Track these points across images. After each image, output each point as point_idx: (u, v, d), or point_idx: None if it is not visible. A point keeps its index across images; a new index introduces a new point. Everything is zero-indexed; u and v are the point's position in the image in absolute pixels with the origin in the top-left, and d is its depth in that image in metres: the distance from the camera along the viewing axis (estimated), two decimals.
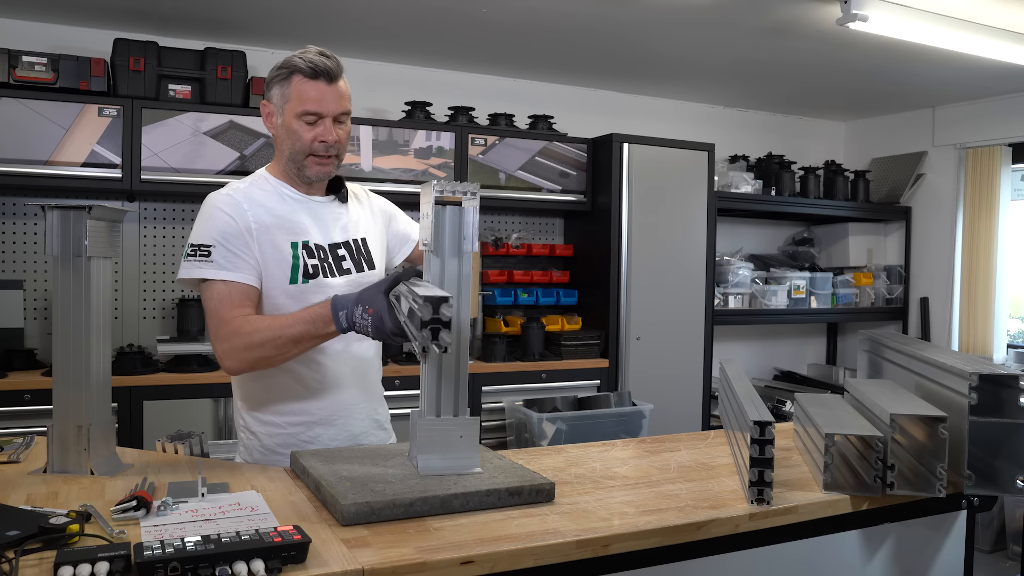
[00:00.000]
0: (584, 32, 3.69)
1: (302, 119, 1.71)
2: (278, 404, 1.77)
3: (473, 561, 1.15)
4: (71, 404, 1.52)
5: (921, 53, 3.78)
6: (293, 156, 1.74)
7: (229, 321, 1.62)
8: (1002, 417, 1.50)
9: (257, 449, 1.78)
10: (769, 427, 1.39)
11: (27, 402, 3.09)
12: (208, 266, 1.65)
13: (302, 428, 1.77)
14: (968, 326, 4.87)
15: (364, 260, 1.85)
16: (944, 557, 1.64)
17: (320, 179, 1.79)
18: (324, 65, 1.70)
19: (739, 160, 5.08)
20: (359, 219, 1.88)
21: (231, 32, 3.75)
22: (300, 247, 1.73)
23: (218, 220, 1.68)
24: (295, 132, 1.72)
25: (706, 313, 4.37)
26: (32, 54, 3.28)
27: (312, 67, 1.69)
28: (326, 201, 1.83)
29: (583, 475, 1.60)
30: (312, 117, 1.71)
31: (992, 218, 4.79)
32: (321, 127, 1.71)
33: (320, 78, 1.70)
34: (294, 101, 1.72)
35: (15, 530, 1.12)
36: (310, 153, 1.73)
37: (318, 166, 1.75)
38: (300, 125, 1.71)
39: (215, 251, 1.65)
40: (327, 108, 1.71)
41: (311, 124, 1.71)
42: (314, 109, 1.70)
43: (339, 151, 1.76)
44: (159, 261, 3.80)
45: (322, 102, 1.70)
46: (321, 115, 1.71)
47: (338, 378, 1.80)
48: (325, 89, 1.70)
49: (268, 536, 1.08)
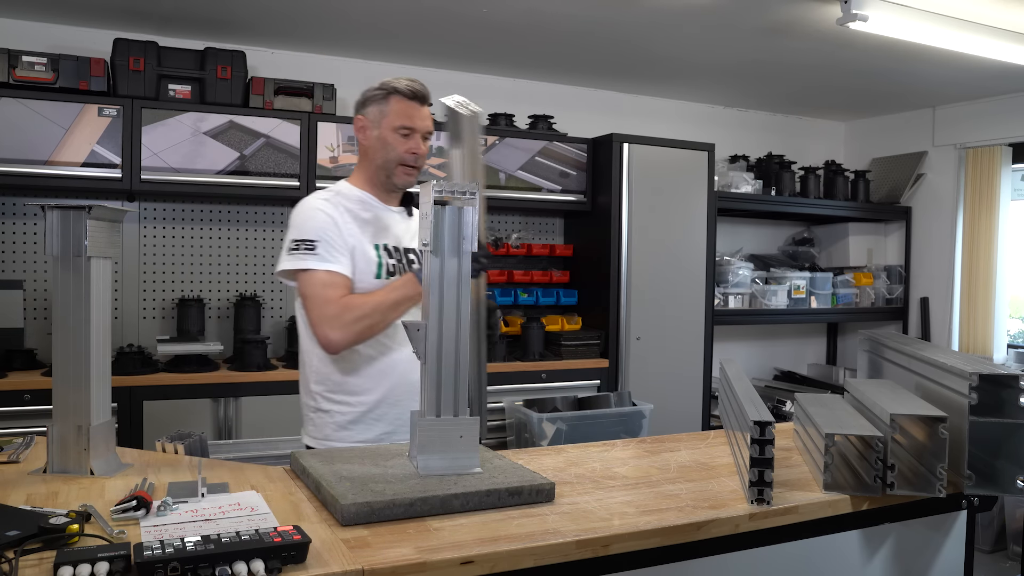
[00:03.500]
0: (584, 32, 3.69)
1: (398, 132, 1.95)
2: (351, 385, 1.95)
3: (473, 561, 1.15)
4: (71, 404, 1.52)
5: (921, 53, 3.77)
6: (385, 165, 1.98)
7: (336, 300, 1.84)
8: (1002, 417, 1.50)
9: (329, 426, 1.95)
10: (769, 427, 1.39)
11: (27, 402, 3.09)
12: (313, 258, 1.87)
13: (371, 407, 1.94)
14: (968, 326, 4.87)
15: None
16: (944, 557, 1.64)
17: (405, 187, 2.02)
18: (420, 90, 1.97)
19: (739, 160, 5.08)
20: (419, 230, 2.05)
21: (231, 32, 3.75)
22: (382, 248, 1.97)
23: (320, 219, 1.91)
24: (390, 144, 1.96)
25: (706, 313, 4.37)
26: (32, 54, 3.28)
27: (411, 90, 1.96)
28: (398, 211, 2.06)
29: (583, 475, 1.60)
30: (407, 131, 1.95)
31: (992, 218, 4.78)
32: (413, 141, 1.97)
33: (415, 99, 1.97)
34: (392, 116, 1.95)
35: (15, 530, 1.12)
36: (401, 163, 1.97)
37: (405, 175, 1.99)
38: (396, 138, 1.95)
39: (319, 246, 1.88)
40: (419, 125, 1.97)
41: (405, 137, 1.96)
42: (410, 124, 1.95)
43: (421, 164, 2.01)
44: (159, 261, 3.80)
45: (416, 119, 1.96)
46: (414, 130, 1.96)
47: (404, 363, 1.94)
48: (418, 109, 1.97)
49: (268, 536, 1.08)
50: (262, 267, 4.00)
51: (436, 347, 1.48)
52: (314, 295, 1.86)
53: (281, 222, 4.03)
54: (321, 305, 1.85)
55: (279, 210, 4.03)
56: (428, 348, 1.48)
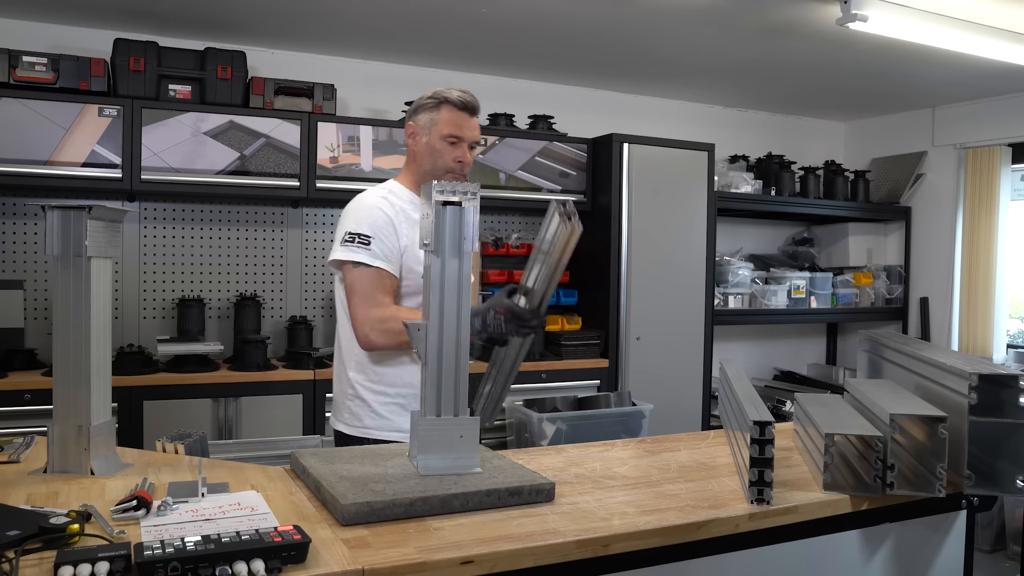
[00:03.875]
0: (584, 32, 3.69)
1: (446, 140, 2.01)
2: (390, 376, 2.01)
3: (473, 561, 1.15)
4: (71, 404, 1.52)
5: (921, 53, 3.78)
6: (433, 171, 2.02)
7: (382, 304, 1.90)
8: (1002, 417, 1.50)
9: (367, 415, 2.01)
10: (769, 427, 1.39)
11: (27, 402, 3.09)
12: (366, 253, 1.92)
13: (409, 400, 1.99)
14: (968, 326, 4.87)
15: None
16: (944, 557, 1.64)
17: None
18: (470, 101, 2.03)
19: (739, 160, 5.08)
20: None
21: (231, 32, 3.75)
22: None
23: (377, 217, 1.97)
24: (438, 151, 2.02)
25: (706, 313, 4.37)
26: (32, 54, 3.28)
27: (461, 101, 2.02)
28: None
29: (583, 475, 1.60)
30: (455, 139, 2.02)
31: (992, 218, 4.78)
32: (460, 150, 2.02)
33: (465, 110, 2.03)
34: (442, 125, 2.02)
35: (15, 530, 1.12)
36: (448, 170, 2.02)
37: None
38: (444, 146, 2.02)
39: (374, 243, 1.93)
40: (467, 134, 2.03)
41: (452, 145, 2.02)
42: (458, 133, 2.01)
43: (467, 173, 2.07)
44: (159, 261, 3.80)
45: (465, 129, 2.02)
46: (462, 139, 2.02)
47: None
48: (467, 119, 2.03)
49: (268, 536, 1.08)
50: (262, 267, 4.00)
51: (436, 347, 1.48)
52: (363, 292, 1.92)
53: (281, 222, 4.04)
54: (369, 306, 1.90)
55: (279, 210, 4.03)
56: (428, 348, 1.48)
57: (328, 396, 3.55)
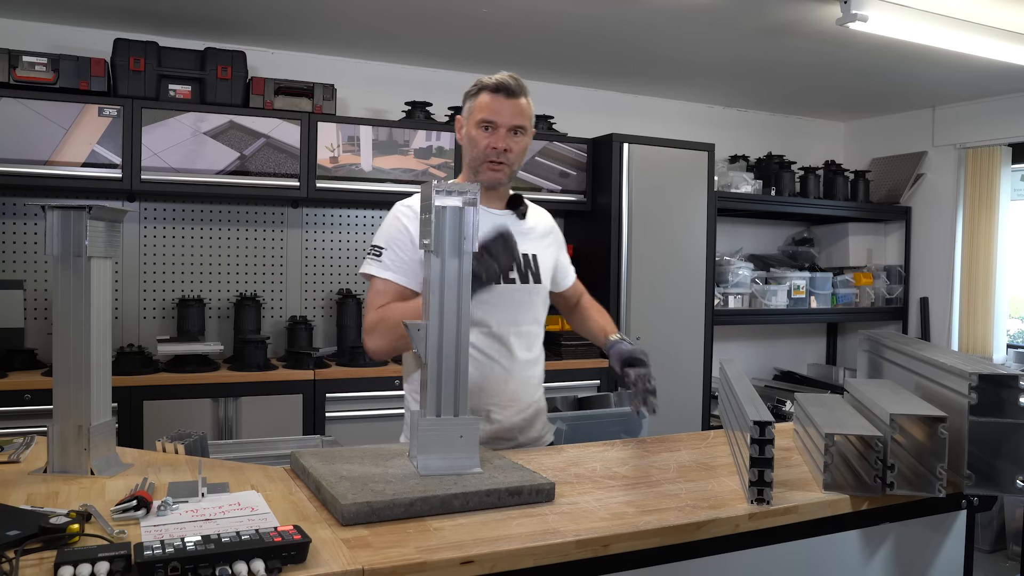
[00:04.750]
0: (584, 32, 3.69)
1: (480, 127, 1.89)
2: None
3: (473, 561, 1.15)
4: (71, 404, 1.52)
5: (921, 53, 3.78)
6: (471, 162, 1.93)
7: (376, 309, 1.84)
8: (1002, 417, 1.50)
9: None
10: (769, 427, 1.39)
11: (27, 402, 3.09)
12: (376, 265, 1.88)
13: None
14: (968, 326, 4.87)
15: (531, 273, 2.00)
16: (944, 557, 1.64)
17: (491, 184, 1.93)
18: (505, 82, 1.89)
19: (739, 160, 5.08)
20: (534, 237, 2.04)
21: (231, 32, 3.75)
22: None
23: (392, 227, 1.91)
24: (473, 139, 1.91)
25: (706, 313, 4.37)
26: (32, 54, 3.28)
27: (495, 83, 1.89)
28: (502, 214, 1.99)
29: (583, 475, 1.60)
30: (487, 124, 1.88)
31: (992, 218, 4.78)
32: (495, 135, 1.88)
33: (500, 92, 1.88)
34: (476, 111, 1.90)
35: (15, 530, 1.12)
36: (484, 159, 1.90)
37: (490, 171, 1.91)
38: (478, 133, 1.90)
39: (385, 253, 1.88)
40: (501, 119, 1.88)
41: (487, 131, 1.89)
42: (489, 118, 1.88)
43: (511, 161, 1.91)
44: (159, 261, 3.80)
45: (498, 112, 1.88)
46: (495, 124, 1.88)
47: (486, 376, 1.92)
48: (504, 102, 1.88)
49: (268, 536, 1.08)
50: (262, 267, 4.00)
51: (436, 347, 1.48)
52: (367, 301, 1.91)
53: (281, 222, 4.04)
54: (366, 312, 1.89)
55: (279, 210, 4.03)
56: (428, 348, 1.48)
57: (328, 396, 3.55)
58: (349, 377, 3.61)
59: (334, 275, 4.15)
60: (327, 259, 4.14)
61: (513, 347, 1.95)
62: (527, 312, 1.98)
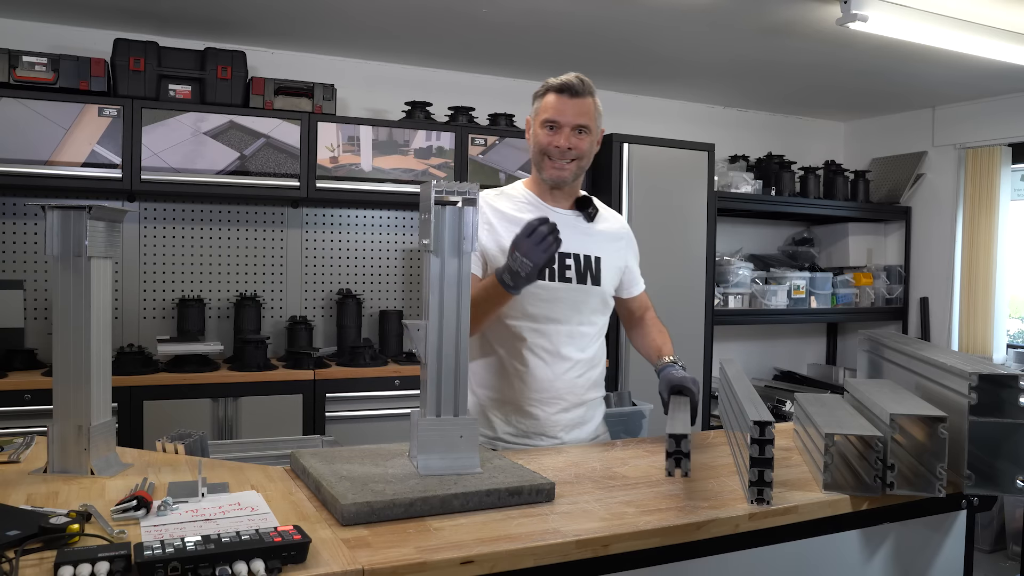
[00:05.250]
0: (584, 32, 3.69)
1: (544, 127, 1.92)
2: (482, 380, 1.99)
3: (473, 561, 1.15)
4: (71, 404, 1.52)
5: (921, 53, 3.77)
6: (536, 161, 1.96)
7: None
8: (1002, 417, 1.50)
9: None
10: (769, 427, 1.39)
11: (27, 402, 3.09)
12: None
13: (496, 404, 1.97)
14: (968, 326, 4.87)
15: (590, 275, 1.99)
16: (944, 557, 1.64)
17: (554, 183, 1.96)
18: (568, 82, 1.91)
19: (739, 160, 5.08)
20: (600, 240, 2.04)
21: (231, 32, 3.75)
22: None
23: None
24: (538, 138, 1.94)
25: (706, 313, 4.37)
26: (32, 54, 3.28)
27: (560, 83, 1.92)
28: (569, 214, 2.01)
29: (583, 475, 1.60)
30: (551, 123, 1.91)
31: (992, 218, 4.78)
32: (557, 134, 1.91)
33: (564, 92, 1.91)
34: (541, 112, 1.93)
35: (15, 530, 1.12)
36: (546, 157, 1.92)
37: (553, 169, 1.94)
38: (542, 132, 1.93)
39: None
40: (564, 118, 1.90)
41: (550, 131, 1.91)
42: (553, 117, 1.90)
43: (575, 158, 1.93)
44: (159, 261, 3.80)
45: (560, 112, 1.90)
46: (558, 123, 1.90)
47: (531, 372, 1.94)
48: (567, 102, 1.90)
49: (268, 536, 1.08)
50: (262, 267, 4.00)
51: (436, 347, 1.48)
52: None
53: (281, 222, 4.04)
54: None
55: (279, 210, 4.03)
56: (428, 348, 1.48)
57: (328, 396, 3.55)
58: (349, 377, 3.61)
59: (334, 275, 4.15)
60: (327, 259, 4.14)
61: (561, 345, 1.96)
62: (580, 312, 1.97)
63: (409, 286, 4.32)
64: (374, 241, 4.23)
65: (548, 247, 1.67)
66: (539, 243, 1.66)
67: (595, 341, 2.05)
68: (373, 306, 4.21)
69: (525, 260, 1.67)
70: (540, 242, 1.66)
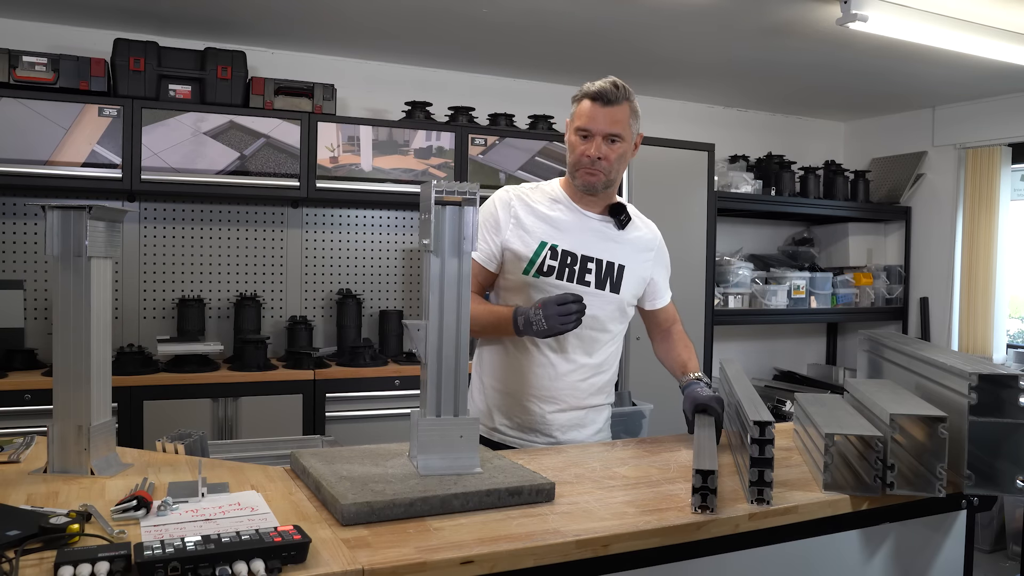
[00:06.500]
0: (584, 32, 3.69)
1: (578, 134, 1.94)
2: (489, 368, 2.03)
3: (473, 561, 1.15)
4: (71, 404, 1.52)
5: (921, 53, 3.77)
6: (569, 166, 1.98)
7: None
8: (1002, 417, 1.50)
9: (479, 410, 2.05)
10: (769, 427, 1.39)
11: (27, 402, 3.09)
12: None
13: (500, 395, 2.00)
14: (968, 326, 4.87)
15: (610, 281, 2.01)
16: (944, 557, 1.64)
17: (586, 190, 1.98)
18: (603, 89, 1.92)
19: (739, 160, 5.08)
20: (629, 249, 2.06)
21: (231, 32, 3.75)
22: (547, 248, 1.96)
23: (484, 209, 2.00)
24: (572, 145, 1.96)
25: (706, 313, 4.37)
26: (32, 54, 3.28)
27: (596, 91, 1.92)
28: (599, 219, 2.03)
29: (583, 475, 1.60)
30: (584, 132, 1.92)
31: (992, 218, 4.78)
32: (590, 143, 1.92)
33: (597, 101, 1.91)
34: (576, 118, 1.95)
35: (15, 530, 1.12)
36: (579, 166, 1.94)
37: (586, 176, 1.95)
38: (576, 139, 1.95)
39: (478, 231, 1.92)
40: (596, 127, 1.91)
41: (584, 139, 1.93)
42: (584, 125, 1.92)
43: (606, 169, 1.94)
44: (159, 261, 3.80)
45: (592, 120, 1.91)
46: (590, 132, 1.91)
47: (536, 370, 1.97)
48: (599, 110, 1.91)
49: (268, 536, 1.08)
50: (262, 267, 4.00)
51: (436, 347, 1.48)
52: None
53: (281, 222, 4.04)
54: None
55: (279, 210, 4.03)
56: (428, 348, 1.48)
57: (328, 396, 3.55)
58: (349, 377, 3.61)
59: (334, 275, 4.15)
60: (327, 259, 4.14)
61: (569, 348, 1.97)
62: (595, 317, 1.97)
63: (409, 286, 4.32)
64: (374, 241, 4.23)
65: (567, 323, 1.76)
66: (563, 315, 1.75)
67: (606, 347, 2.05)
68: (373, 306, 4.21)
69: (543, 323, 1.76)
70: (564, 315, 1.75)
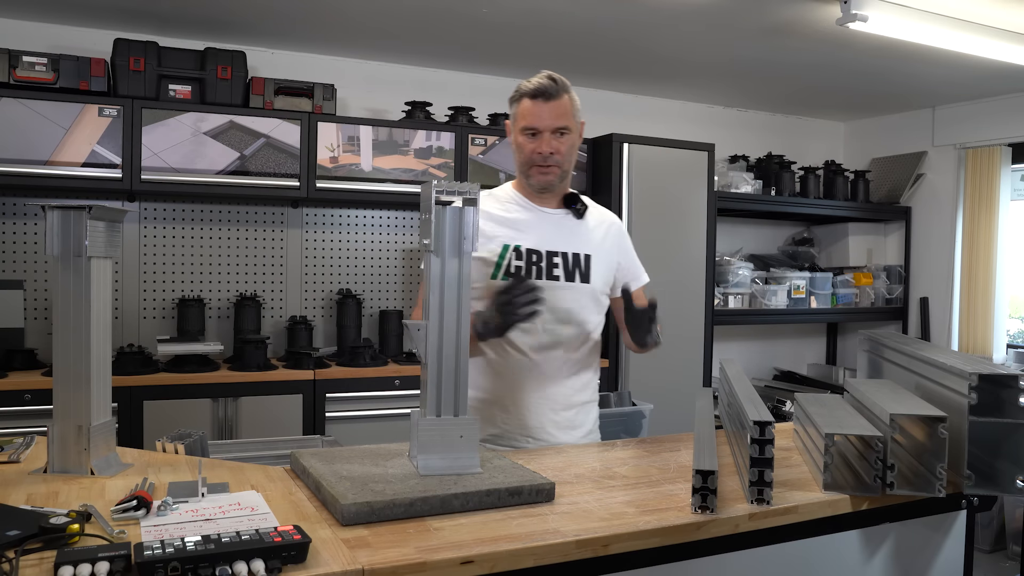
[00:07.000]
0: (584, 32, 3.69)
1: (524, 134, 1.93)
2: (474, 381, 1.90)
3: (473, 561, 1.15)
4: (71, 404, 1.52)
5: (921, 53, 3.78)
6: (520, 167, 1.97)
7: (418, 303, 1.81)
8: (1002, 417, 1.49)
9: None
10: (769, 427, 1.39)
11: (27, 402, 3.09)
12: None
13: (482, 404, 1.95)
14: (968, 326, 4.87)
15: (579, 272, 1.99)
16: (944, 557, 1.63)
17: (542, 187, 1.96)
18: (541, 85, 1.91)
19: (739, 160, 5.08)
20: (590, 237, 2.03)
21: (231, 32, 3.75)
22: (511, 250, 1.94)
23: None
24: (520, 146, 1.95)
25: (706, 313, 4.37)
26: (32, 54, 3.28)
27: (533, 88, 1.91)
28: (557, 213, 2.01)
29: (583, 475, 1.59)
30: (531, 130, 1.91)
31: (992, 218, 4.78)
32: (538, 141, 1.91)
33: (538, 97, 1.90)
34: (518, 119, 1.94)
35: (15, 530, 1.12)
36: (531, 164, 1.93)
37: (540, 175, 1.94)
38: (523, 139, 1.93)
39: None
40: (542, 123, 1.90)
41: (531, 137, 1.92)
42: (531, 124, 1.91)
43: (560, 162, 1.93)
44: (159, 261, 3.80)
45: (538, 118, 1.90)
46: (537, 129, 1.90)
47: (518, 371, 1.95)
48: (543, 107, 1.90)
49: (268, 536, 1.08)
50: (262, 267, 4.00)
51: (436, 347, 1.48)
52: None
53: (281, 222, 4.04)
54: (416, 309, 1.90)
55: (279, 210, 4.03)
56: (428, 348, 1.48)
57: (328, 396, 3.55)
58: (349, 377, 3.61)
59: (334, 275, 4.15)
60: (327, 259, 4.14)
61: (550, 345, 1.95)
62: (569, 311, 1.96)
63: (409, 286, 4.32)
64: (374, 241, 4.23)
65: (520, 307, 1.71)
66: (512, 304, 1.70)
67: (586, 342, 2.03)
68: (373, 306, 4.21)
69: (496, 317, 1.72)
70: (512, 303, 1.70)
